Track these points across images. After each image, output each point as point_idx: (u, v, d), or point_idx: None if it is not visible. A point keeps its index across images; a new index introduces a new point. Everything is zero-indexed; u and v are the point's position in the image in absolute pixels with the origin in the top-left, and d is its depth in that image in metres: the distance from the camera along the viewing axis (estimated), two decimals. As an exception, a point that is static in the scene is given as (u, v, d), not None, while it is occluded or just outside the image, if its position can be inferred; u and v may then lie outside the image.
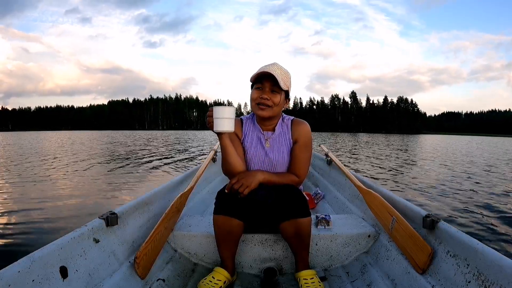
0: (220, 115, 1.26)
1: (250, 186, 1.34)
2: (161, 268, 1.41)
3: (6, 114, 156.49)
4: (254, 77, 1.41)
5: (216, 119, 1.26)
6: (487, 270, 0.95)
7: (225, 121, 1.26)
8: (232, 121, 1.28)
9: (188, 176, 2.20)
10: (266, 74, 1.38)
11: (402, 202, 1.50)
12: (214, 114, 1.26)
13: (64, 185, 5.30)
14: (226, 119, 1.26)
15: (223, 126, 1.27)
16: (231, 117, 1.27)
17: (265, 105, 1.42)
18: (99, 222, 1.22)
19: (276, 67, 1.41)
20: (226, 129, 1.28)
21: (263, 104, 1.42)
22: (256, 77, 1.41)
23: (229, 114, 1.27)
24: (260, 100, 1.42)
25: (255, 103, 1.44)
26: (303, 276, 1.35)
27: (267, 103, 1.42)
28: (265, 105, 1.42)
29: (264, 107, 1.43)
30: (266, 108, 1.43)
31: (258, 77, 1.40)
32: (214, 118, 1.26)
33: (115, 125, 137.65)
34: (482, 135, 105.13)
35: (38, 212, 3.51)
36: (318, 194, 2.63)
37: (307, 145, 1.52)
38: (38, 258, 0.91)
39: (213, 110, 1.27)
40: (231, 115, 1.27)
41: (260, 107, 1.43)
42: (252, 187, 1.35)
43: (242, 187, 1.32)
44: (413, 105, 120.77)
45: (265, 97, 1.41)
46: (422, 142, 29.07)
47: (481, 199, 4.61)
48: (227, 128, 1.27)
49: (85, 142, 19.56)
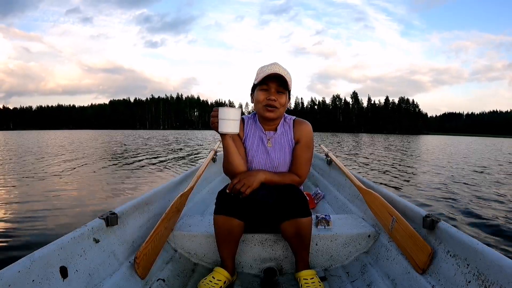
0: (226, 116, 1.25)
1: (252, 186, 1.34)
2: (161, 268, 1.41)
3: (8, 113, 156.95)
4: (261, 78, 1.39)
5: (221, 120, 1.25)
6: (487, 270, 0.94)
7: (230, 122, 1.25)
8: (237, 123, 1.27)
9: (188, 176, 2.20)
10: (272, 75, 1.37)
11: (402, 202, 1.50)
12: (220, 115, 1.25)
13: (64, 184, 5.31)
14: (232, 120, 1.25)
15: (228, 127, 1.26)
16: (237, 119, 1.27)
17: (273, 106, 1.42)
18: (99, 222, 1.22)
19: (279, 67, 1.41)
20: (231, 130, 1.27)
21: (271, 106, 1.42)
22: (262, 78, 1.39)
23: (235, 115, 1.26)
24: (268, 102, 1.42)
25: (262, 105, 1.43)
26: (303, 276, 1.35)
27: (275, 104, 1.42)
28: (273, 106, 1.42)
29: (272, 109, 1.43)
30: (274, 110, 1.43)
31: (263, 78, 1.39)
32: (220, 119, 1.26)
33: (116, 124, 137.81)
34: (483, 136, 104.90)
35: (38, 212, 3.51)
36: (318, 194, 2.63)
37: (309, 145, 1.52)
38: (38, 258, 0.91)
39: (219, 111, 1.26)
40: (236, 117, 1.26)
41: (268, 109, 1.43)
42: (254, 187, 1.35)
43: (244, 187, 1.32)
44: (415, 105, 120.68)
45: (272, 98, 1.41)
46: (425, 143, 28.86)
47: (483, 199, 4.60)
48: (232, 130, 1.27)
49: (84, 142, 19.57)
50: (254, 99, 1.47)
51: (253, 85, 1.48)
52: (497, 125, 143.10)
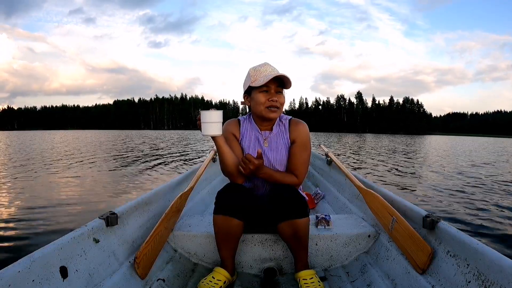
0: (207, 119, 1.27)
1: (255, 164, 1.33)
2: (161, 268, 1.41)
3: (12, 113, 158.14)
4: (264, 81, 1.38)
5: (203, 123, 1.28)
6: (487, 270, 0.94)
7: (212, 125, 1.28)
8: (219, 125, 1.30)
9: (188, 176, 2.20)
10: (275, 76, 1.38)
11: (402, 202, 1.50)
12: (202, 118, 1.27)
13: (64, 184, 5.34)
14: (213, 123, 1.28)
15: (209, 130, 1.28)
16: (218, 121, 1.29)
17: (275, 107, 1.44)
18: (99, 222, 1.23)
19: (273, 67, 1.43)
20: (212, 133, 1.29)
21: (274, 107, 1.43)
22: (265, 81, 1.39)
23: (216, 118, 1.28)
24: (271, 103, 1.43)
25: (264, 107, 1.44)
26: (303, 276, 1.35)
27: (276, 105, 1.43)
28: (275, 107, 1.44)
29: (275, 109, 1.44)
30: (277, 110, 1.45)
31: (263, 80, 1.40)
32: (202, 122, 1.28)
33: (120, 124, 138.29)
34: (488, 136, 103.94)
35: (37, 212, 3.52)
36: (318, 194, 2.63)
37: (305, 145, 1.52)
38: (38, 258, 0.92)
39: (200, 114, 1.28)
40: (217, 119, 1.28)
41: (271, 110, 1.44)
42: (257, 165, 1.33)
43: (248, 164, 1.32)
44: (419, 105, 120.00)
45: (274, 99, 1.42)
46: (437, 143, 28.29)
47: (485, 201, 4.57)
48: (214, 132, 1.29)
49: (88, 142, 19.64)
50: (254, 101, 1.46)
51: (248, 87, 1.47)
52: (502, 125, 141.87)
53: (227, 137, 1.49)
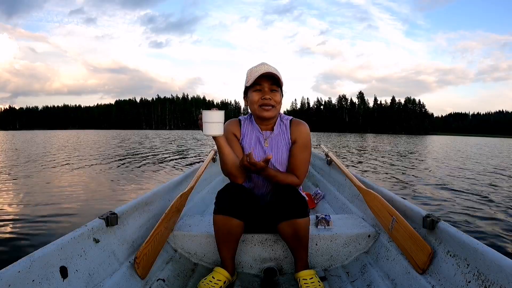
0: (209, 119, 1.27)
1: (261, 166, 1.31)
2: (161, 268, 1.42)
3: (14, 113, 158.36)
4: (254, 79, 1.40)
5: (205, 123, 1.28)
6: (487, 270, 0.94)
7: (213, 125, 1.28)
8: (221, 125, 1.30)
9: (188, 176, 2.21)
10: (264, 75, 1.39)
11: (402, 202, 1.50)
12: (203, 118, 1.27)
13: (64, 184, 5.33)
14: (215, 123, 1.28)
15: (211, 130, 1.28)
16: (220, 121, 1.29)
17: (269, 105, 1.43)
18: (99, 222, 1.23)
19: (268, 66, 1.43)
20: (214, 133, 1.29)
21: (267, 105, 1.43)
22: (255, 79, 1.40)
23: (218, 118, 1.28)
24: (263, 102, 1.43)
25: (257, 106, 1.45)
26: (303, 276, 1.35)
27: (270, 103, 1.43)
28: (269, 105, 1.43)
29: (268, 108, 1.44)
30: (271, 109, 1.45)
31: (256, 79, 1.40)
32: (203, 122, 1.28)
33: (122, 124, 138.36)
34: (489, 136, 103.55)
35: (37, 212, 3.52)
36: (318, 194, 2.63)
37: (306, 145, 1.52)
38: (38, 258, 0.92)
39: (202, 114, 1.28)
40: (219, 119, 1.28)
41: (264, 109, 1.44)
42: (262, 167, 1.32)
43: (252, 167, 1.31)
44: (421, 105, 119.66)
45: (267, 97, 1.43)
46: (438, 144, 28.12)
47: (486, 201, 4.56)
48: (215, 132, 1.29)
49: (88, 142, 19.65)
50: (249, 100, 1.48)
51: (245, 88, 1.49)
52: (504, 125, 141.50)
53: (227, 137, 1.50)
